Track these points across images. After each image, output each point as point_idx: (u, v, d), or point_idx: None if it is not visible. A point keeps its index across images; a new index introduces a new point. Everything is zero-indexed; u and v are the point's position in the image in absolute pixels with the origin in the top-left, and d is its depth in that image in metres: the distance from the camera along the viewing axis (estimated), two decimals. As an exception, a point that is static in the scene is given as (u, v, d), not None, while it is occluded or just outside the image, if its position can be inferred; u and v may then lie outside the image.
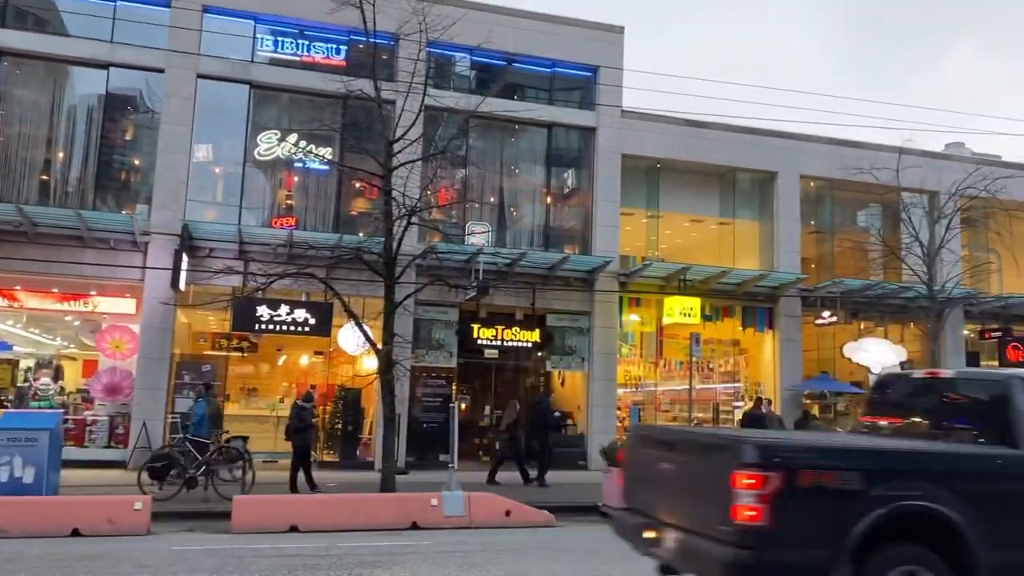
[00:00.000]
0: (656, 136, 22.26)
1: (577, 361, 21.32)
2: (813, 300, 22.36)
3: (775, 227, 22.87)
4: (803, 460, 5.68)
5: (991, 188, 18.20)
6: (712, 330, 23.81)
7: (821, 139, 23.27)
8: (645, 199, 22.99)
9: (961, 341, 23.91)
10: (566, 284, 21.04)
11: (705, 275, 21.23)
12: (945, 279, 19.91)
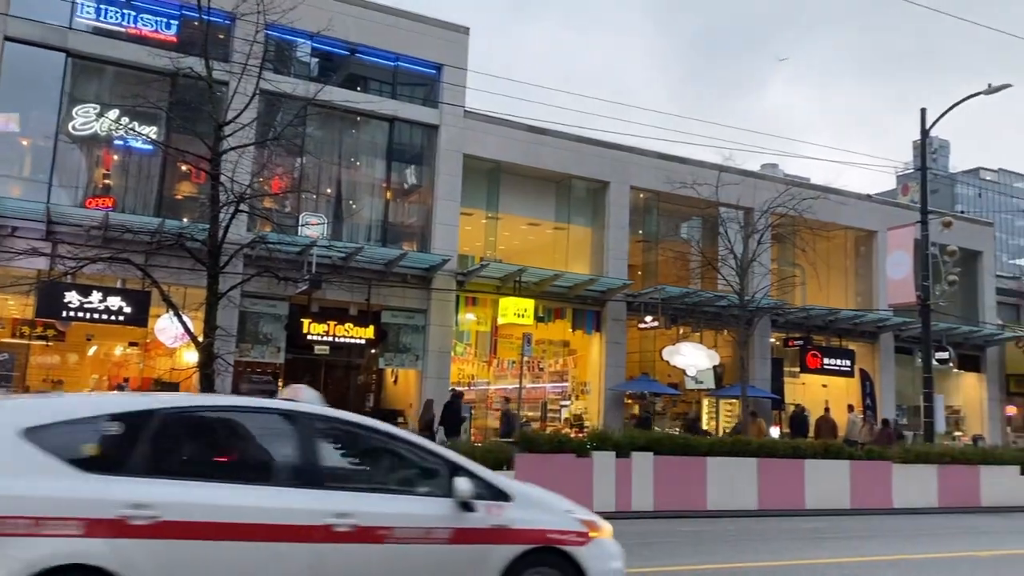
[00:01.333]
0: (498, 139, 22.56)
1: (411, 359, 21.23)
2: (637, 305, 23.43)
3: (606, 234, 23.79)
4: None
5: (799, 207, 19.77)
6: (544, 331, 24.45)
7: (650, 153, 24.44)
8: (485, 200, 23.25)
9: (768, 348, 25.84)
10: (403, 281, 20.91)
11: (540, 277, 21.75)
12: (755, 290, 21.44)
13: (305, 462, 5.47)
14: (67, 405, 5.50)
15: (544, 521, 5.94)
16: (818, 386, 26.89)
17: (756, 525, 13.80)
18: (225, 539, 4.95)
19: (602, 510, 13.72)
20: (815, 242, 22.98)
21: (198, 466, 5.47)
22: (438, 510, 5.58)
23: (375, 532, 5.32)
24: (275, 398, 6.40)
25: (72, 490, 4.73)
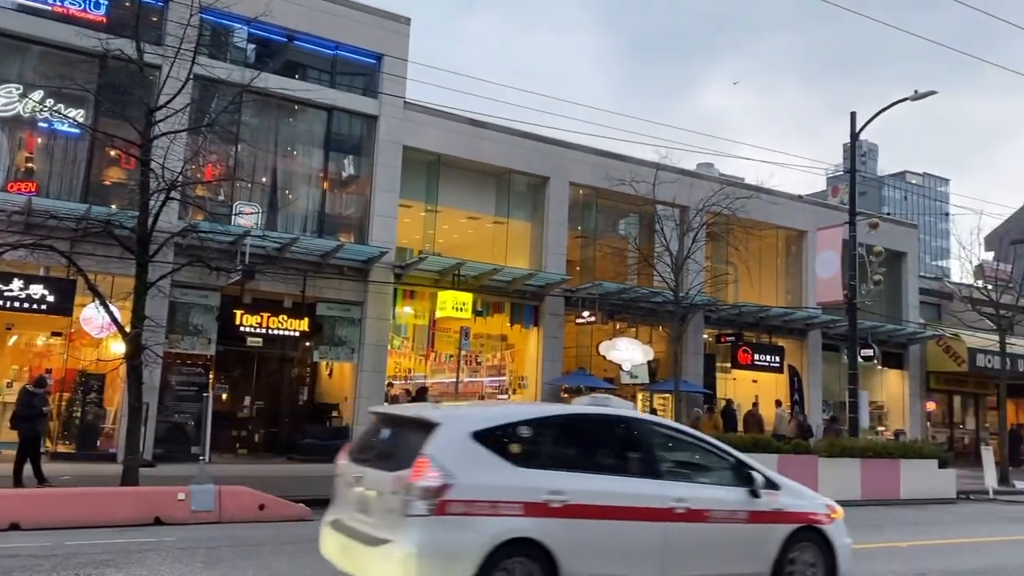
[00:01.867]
0: (438, 131, 22.45)
1: (347, 352, 21.01)
2: (575, 300, 23.63)
3: (545, 229, 23.92)
4: None
5: (732, 207, 20.18)
6: (482, 325, 24.45)
7: (590, 150, 24.63)
8: (424, 192, 23.13)
9: (701, 344, 26.35)
10: (339, 273, 20.67)
11: (479, 271, 21.73)
12: (689, 287, 21.83)
13: (650, 459, 7.03)
14: (497, 413, 7.13)
15: (805, 505, 7.56)
16: (748, 381, 27.57)
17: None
18: (608, 518, 6.44)
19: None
20: (748, 241, 23.49)
21: (584, 461, 6.83)
22: (737, 497, 7.15)
23: (701, 514, 6.86)
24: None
25: (512, 480, 6.20)
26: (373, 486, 6.38)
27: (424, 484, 5.88)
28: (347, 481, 6.78)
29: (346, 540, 6.44)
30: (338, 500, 6.96)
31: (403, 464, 6.10)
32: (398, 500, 5.97)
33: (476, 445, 6.21)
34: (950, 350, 30.10)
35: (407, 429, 6.65)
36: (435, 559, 5.83)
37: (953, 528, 13.97)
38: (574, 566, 6.15)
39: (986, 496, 19.82)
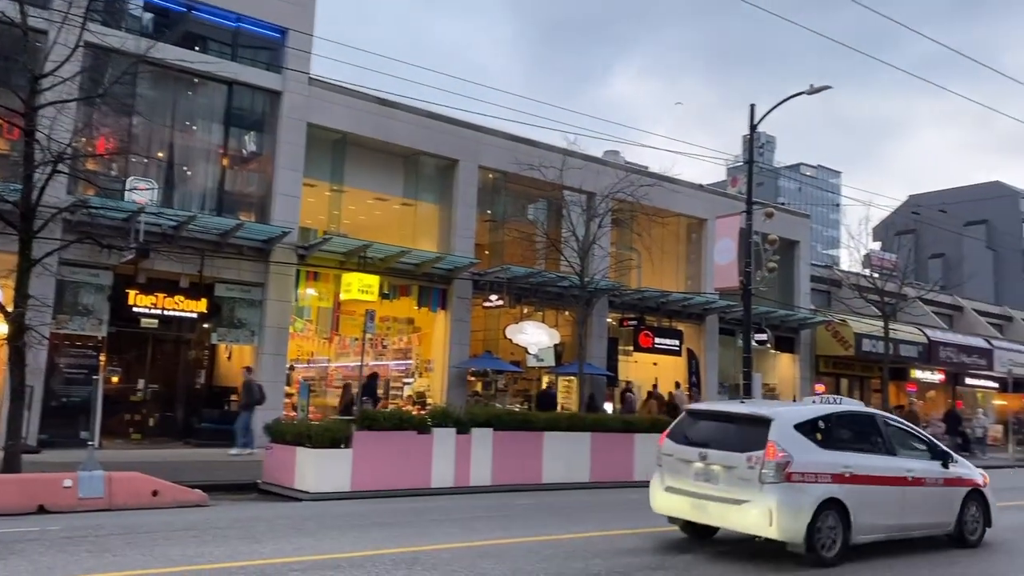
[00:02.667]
0: (344, 109, 22.04)
1: (247, 335, 20.47)
2: (483, 284, 23.69)
3: (454, 212, 23.84)
4: None
5: (636, 194, 20.58)
6: (389, 308, 24.26)
7: (500, 134, 24.66)
8: (330, 172, 22.70)
9: (605, 328, 26.85)
10: (239, 253, 20.09)
11: (385, 253, 21.50)
12: (594, 272, 22.17)
13: (888, 441, 9.90)
14: (804, 411, 9.71)
15: (971, 473, 10.63)
16: (650, 364, 28.28)
17: (588, 497, 14.37)
18: (873, 484, 9.26)
19: (441, 486, 13.99)
20: (651, 227, 24.03)
21: (854, 444, 9.65)
22: (936, 468, 10.15)
23: (921, 480, 9.86)
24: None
25: (821, 458, 8.96)
26: (720, 462, 9.01)
27: (776, 461, 8.60)
28: (682, 459, 9.44)
29: (696, 500, 9.16)
30: (669, 473, 9.60)
31: (752, 447, 8.75)
32: (754, 472, 8.62)
33: (796, 433, 8.98)
34: (838, 335, 31.65)
35: (745, 423, 9.29)
36: (787, 512, 8.47)
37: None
38: (857, 517, 8.88)
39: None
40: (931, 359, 33.91)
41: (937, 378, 37.14)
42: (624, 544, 9.64)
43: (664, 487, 9.58)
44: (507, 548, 9.08)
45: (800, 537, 8.51)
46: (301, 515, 11.12)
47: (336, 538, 9.33)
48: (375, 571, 7.66)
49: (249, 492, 13.64)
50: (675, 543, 9.76)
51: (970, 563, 9.63)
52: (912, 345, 32.78)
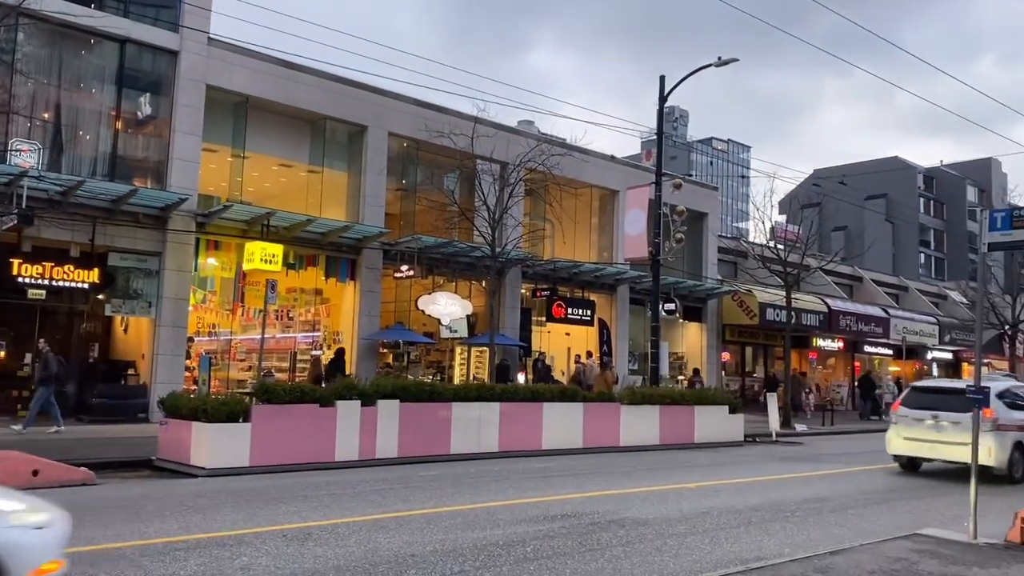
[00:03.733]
0: (246, 71, 21.17)
1: (143, 306, 19.59)
2: (394, 254, 23.28)
3: (363, 180, 23.28)
4: None
5: (547, 163, 20.45)
6: (295, 279, 23.63)
7: (410, 100, 24.16)
8: (231, 137, 21.80)
9: (518, 298, 26.83)
10: (134, 220, 19.16)
11: (290, 222, 20.84)
12: (507, 242, 22.05)
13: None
14: (999, 386, 14.66)
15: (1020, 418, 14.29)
16: (562, 334, 28.46)
17: (495, 467, 14.32)
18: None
19: (345, 459, 13.70)
20: (563, 198, 23.99)
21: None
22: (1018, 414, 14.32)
23: (1005, 426, 13.93)
24: None
25: (1011, 415, 14.05)
26: (948, 419, 13.93)
27: (992, 418, 13.42)
28: (915, 418, 14.54)
29: (930, 444, 14.27)
30: (904, 428, 14.74)
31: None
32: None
33: (997, 400, 13.96)
34: (743, 304, 32.50)
35: (962, 394, 11.33)
36: (998, 449, 13.49)
37: (738, 469, 15.08)
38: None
39: (770, 439, 21.64)
40: (831, 327, 35.22)
41: (837, 346, 38.70)
42: (525, 513, 9.60)
43: (902, 437, 14.77)
44: (405, 520, 8.91)
45: (1004, 464, 13.62)
46: (194, 492, 10.70)
47: (228, 515, 8.99)
48: (264, 548, 7.39)
49: (142, 469, 13.07)
50: (576, 512, 9.78)
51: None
52: (814, 314, 33.96)
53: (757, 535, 8.80)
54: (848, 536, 8.76)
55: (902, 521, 9.84)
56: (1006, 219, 8.41)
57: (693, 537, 8.55)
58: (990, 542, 8.21)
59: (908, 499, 11.88)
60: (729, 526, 9.22)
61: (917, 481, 14.04)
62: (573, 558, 7.42)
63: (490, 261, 20.35)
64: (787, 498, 11.43)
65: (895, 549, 7.81)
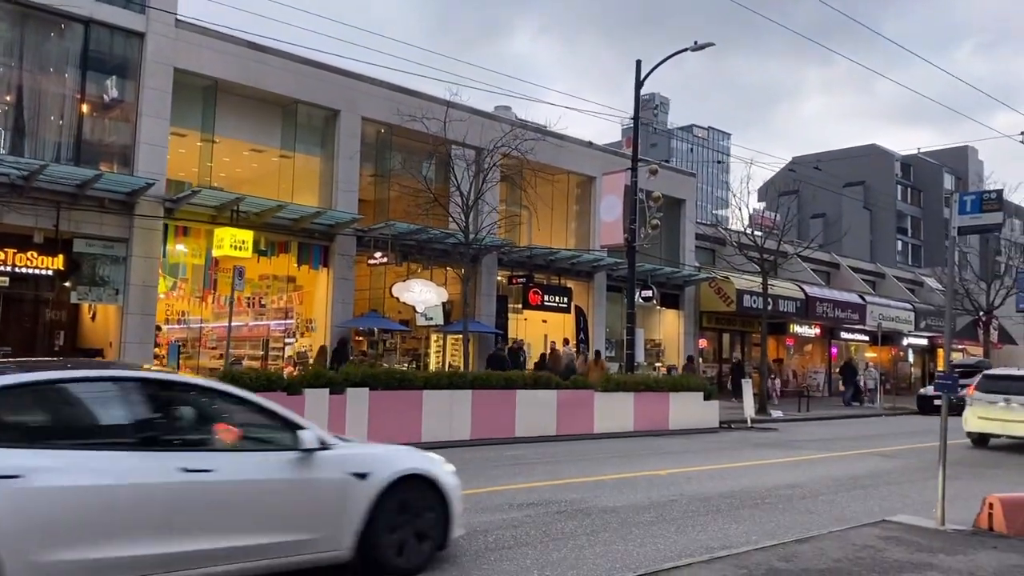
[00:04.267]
0: (215, 54, 20.74)
1: (110, 293, 19.19)
2: (368, 240, 22.99)
3: (335, 166, 22.95)
4: None
5: (522, 148, 20.22)
6: (267, 265, 23.31)
7: (384, 84, 23.79)
8: (200, 121, 21.39)
9: (494, 285, 26.63)
10: (100, 206, 18.75)
11: (261, 208, 20.49)
12: (482, 228, 21.81)
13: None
14: None
15: None
16: (539, 322, 28.32)
17: (466, 455, 14.13)
18: None
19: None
20: (539, 184, 23.81)
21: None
22: None
23: None
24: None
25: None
26: (1019, 402, 15.93)
27: None
28: (988, 401, 16.48)
29: (1002, 423, 16.25)
30: (979, 408, 16.69)
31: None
32: None
33: None
34: (721, 291, 32.49)
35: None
36: None
37: (710, 455, 15.02)
38: None
39: (745, 425, 21.63)
40: (808, 314, 35.32)
41: (814, 332, 38.86)
42: (491, 501, 9.45)
43: (977, 416, 16.75)
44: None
45: None
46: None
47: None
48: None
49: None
50: (544, 500, 9.64)
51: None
52: (791, 301, 34.02)
53: (725, 523, 8.70)
54: (818, 523, 8.68)
55: (873, 508, 9.78)
56: (976, 202, 8.31)
57: (660, 525, 8.43)
58: (958, 528, 8.15)
59: (882, 485, 11.84)
60: (698, 513, 9.12)
61: (891, 468, 14.02)
62: (535, 548, 7.28)
63: (464, 248, 20.13)
64: (758, 485, 11.36)
65: (862, 536, 7.73)
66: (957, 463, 14.38)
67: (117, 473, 5.03)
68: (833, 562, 6.73)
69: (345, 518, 5.87)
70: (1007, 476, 13.20)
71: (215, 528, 5.33)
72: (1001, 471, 13.84)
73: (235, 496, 5.49)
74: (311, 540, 5.74)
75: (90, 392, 5.49)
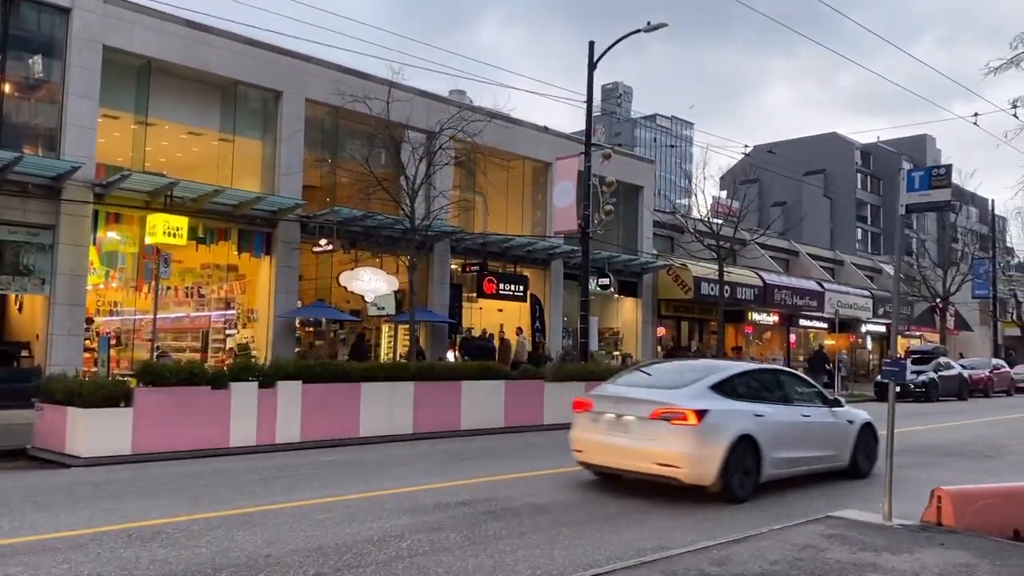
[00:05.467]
0: (149, 32, 19.75)
1: (35, 283, 18.20)
2: (312, 227, 22.16)
3: (278, 149, 22.07)
4: None
5: (468, 130, 19.49)
6: (207, 254, 22.40)
7: (330, 65, 22.94)
8: (134, 102, 20.40)
9: (447, 274, 25.94)
10: (23, 191, 17.74)
11: (197, 193, 19.58)
12: (433, 215, 21.07)
13: None
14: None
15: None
16: (495, 311, 27.71)
17: (407, 450, 13.55)
18: None
19: (241, 444, 12.74)
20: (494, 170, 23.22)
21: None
22: None
23: None
24: None
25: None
26: None
27: None
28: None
29: None
30: None
31: None
32: None
33: None
34: (678, 279, 32.13)
35: None
36: None
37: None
38: None
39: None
40: (766, 301, 35.13)
41: (772, 320, 38.72)
42: (417, 501, 8.84)
43: None
44: (278, 513, 8.04)
45: None
46: (54, 485, 9.68)
47: (78, 512, 8.03)
48: (98, 551, 6.48)
49: (17, 459, 11.96)
50: (475, 498, 9.04)
51: None
52: (749, 288, 33.78)
53: (662, 520, 8.19)
54: (762, 519, 8.19)
55: (821, 502, 9.32)
56: (924, 178, 7.85)
57: (592, 525, 7.88)
58: (905, 523, 7.70)
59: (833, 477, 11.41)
60: (635, 511, 8.59)
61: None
62: (452, 553, 6.68)
63: (409, 234, 19.42)
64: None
65: (803, 535, 7.24)
66: (919, 450, 14.13)
67: (786, 414, 10.18)
68: (769, 564, 6.22)
69: (846, 445, 10.92)
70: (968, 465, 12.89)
71: (812, 444, 10.38)
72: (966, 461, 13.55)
73: (818, 429, 10.56)
74: (836, 455, 10.79)
75: (765, 375, 11.19)
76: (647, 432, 9.01)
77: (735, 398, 9.61)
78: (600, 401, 9.82)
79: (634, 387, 9.98)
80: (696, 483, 8.97)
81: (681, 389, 9.46)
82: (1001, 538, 7.47)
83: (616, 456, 9.37)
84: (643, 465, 9.11)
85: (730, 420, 9.22)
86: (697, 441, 8.87)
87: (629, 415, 9.26)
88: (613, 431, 9.38)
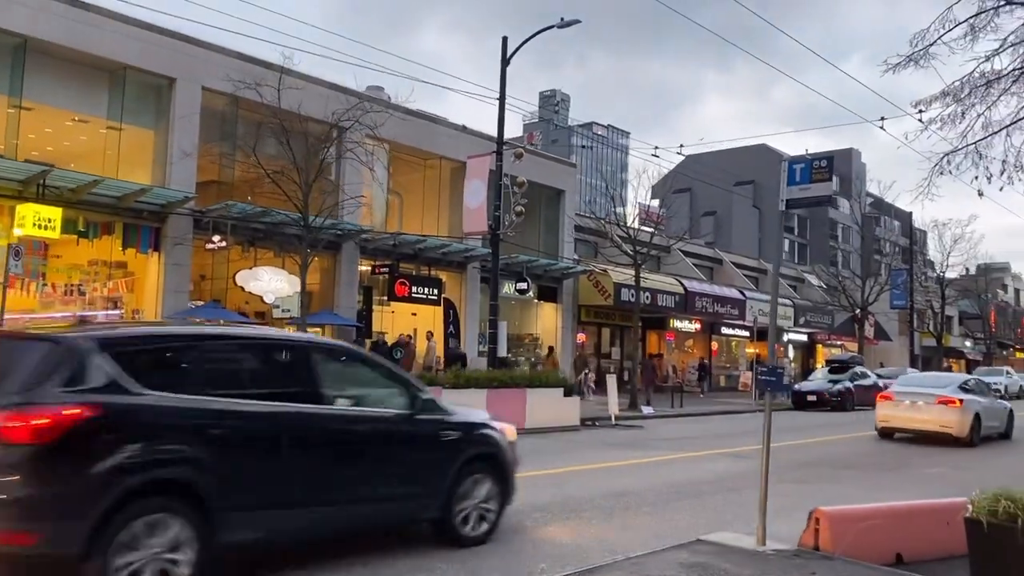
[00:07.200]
0: (26, 8, 18.30)
1: None
2: (206, 223, 20.87)
3: (170, 139, 20.74)
4: None
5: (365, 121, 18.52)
6: (90, 249, 20.90)
7: (229, 52, 21.70)
8: (8, 85, 18.87)
9: (356, 275, 24.85)
10: None
11: (75, 183, 18.21)
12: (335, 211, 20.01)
13: None
14: None
15: None
16: (408, 314, 26.72)
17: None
18: None
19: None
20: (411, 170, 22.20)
21: None
22: None
23: None
24: None
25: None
26: None
27: None
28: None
29: None
30: None
31: None
32: None
33: None
34: (599, 285, 31.59)
35: None
36: None
37: (553, 458, 13.76)
38: None
39: (610, 422, 20.58)
40: (688, 309, 34.89)
41: (694, 327, 38.57)
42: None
43: None
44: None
45: None
46: None
47: None
48: None
49: None
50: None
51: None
52: (670, 295, 33.46)
53: (521, 545, 7.37)
54: (630, 542, 7.45)
55: (701, 521, 8.66)
56: (805, 170, 7.22)
57: (437, 551, 7.00)
58: (780, 548, 7.04)
59: (722, 492, 10.79)
60: (499, 531, 7.73)
61: (740, 470, 13.01)
62: None
63: (303, 231, 18.34)
64: (583, 493, 10.11)
65: (664, 563, 6.49)
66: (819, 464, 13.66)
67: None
68: (611, 603, 5.44)
69: None
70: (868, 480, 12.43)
71: None
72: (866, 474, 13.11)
73: None
74: None
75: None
76: (934, 410, 16.96)
77: (966, 392, 17.52)
78: (898, 395, 17.97)
79: (917, 386, 18.20)
80: (959, 436, 16.61)
81: (946, 388, 17.34)
82: (880, 563, 6.89)
83: (914, 423, 17.34)
84: (930, 427, 16.94)
85: (973, 405, 17.23)
86: (961, 414, 16.70)
87: (920, 401, 17.31)
88: (911, 410, 17.43)
